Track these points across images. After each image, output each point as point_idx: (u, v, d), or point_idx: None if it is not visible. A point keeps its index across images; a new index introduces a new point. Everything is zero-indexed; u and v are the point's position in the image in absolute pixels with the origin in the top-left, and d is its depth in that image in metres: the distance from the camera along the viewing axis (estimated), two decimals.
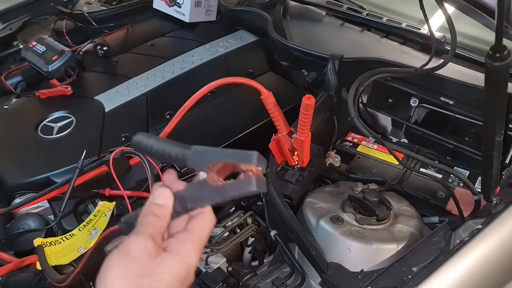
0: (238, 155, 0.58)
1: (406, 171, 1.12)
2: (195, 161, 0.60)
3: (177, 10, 1.74)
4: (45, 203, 1.16)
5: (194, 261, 0.61)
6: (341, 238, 0.90)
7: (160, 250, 0.59)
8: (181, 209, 0.62)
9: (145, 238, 0.58)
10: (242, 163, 0.58)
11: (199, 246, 0.62)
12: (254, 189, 0.56)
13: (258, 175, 0.57)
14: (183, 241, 0.61)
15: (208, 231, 0.64)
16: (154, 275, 0.56)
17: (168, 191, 0.63)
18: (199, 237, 0.62)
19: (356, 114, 1.08)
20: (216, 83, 0.95)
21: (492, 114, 0.77)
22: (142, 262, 0.57)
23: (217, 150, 0.60)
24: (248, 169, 0.57)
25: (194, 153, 0.61)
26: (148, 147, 0.64)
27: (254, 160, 0.57)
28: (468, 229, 0.87)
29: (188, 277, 0.60)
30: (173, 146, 0.63)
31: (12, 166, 1.26)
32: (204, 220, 0.63)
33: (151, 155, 0.65)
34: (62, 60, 1.49)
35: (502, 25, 0.68)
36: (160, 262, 0.58)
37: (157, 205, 0.62)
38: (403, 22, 1.43)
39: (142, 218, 0.62)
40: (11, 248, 1.08)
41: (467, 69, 1.26)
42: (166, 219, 0.62)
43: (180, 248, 0.60)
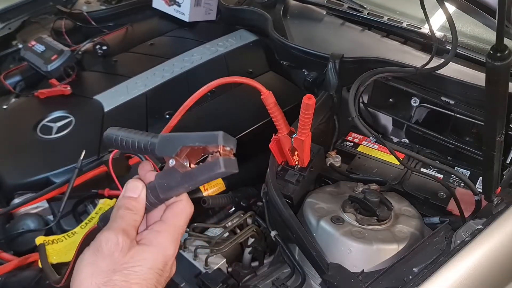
0: (204, 138, 0.56)
1: (407, 171, 1.11)
2: (163, 149, 0.59)
3: (176, 9, 1.74)
4: (44, 203, 1.16)
5: (170, 251, 0.60)
6: (342, 238, 0.89)
7: (133, 243, 0.58)
8: (154, 200, 0.61)
9: (116, 233, 0.57)
10: (209, 145, 0.56)
11: (175, 235, 0.61)
12: (222, 170, 0.54)
13: (226, 155, 0.55)
14: (158, 231, 0.60)
15: (184, 219, 0.62)
16: (127, 269, 0.56)
17: (140, 183, 0.62)
18: (174, 226, 0.61)
19: (356, 114, 1.07)
20: (216, 82, 0.95)
21: (493, 114, 0.76)
22: (114, 257, 0.56)
23: (183, 135, 0.58)
24: (215, 151, 0.55)
25: (161, 141, 0.59)
26: (119, 141, 0.63)
27: (219, 141, 0.55)
28: (469, 229, 0.86)
29: (166, 268, 0.59)
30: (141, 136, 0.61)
31: (11, 166, 1.26)
32: (179, 208, 0.62)
33: (123, 149, 0.64)
34: (61, 60, 1.49)
35: (503, 24, 0.68)
36: (134, 256, 0.57)
37: (129, 198, 0.61)
38: (404, 22, 1.42)
39: (114, 212, 0.61)
40: (11, 248, 1.08)
41: (468, 69, 1.26)
42: (139, 211, 0.61)
43: (155, 239, 0.59)
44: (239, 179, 1.22)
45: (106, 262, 0.56)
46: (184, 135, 0.58)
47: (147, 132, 0.62)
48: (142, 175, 0.65)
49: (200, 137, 0.56)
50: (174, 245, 0.61)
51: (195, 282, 0.94)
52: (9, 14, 1.86)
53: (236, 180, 1.22)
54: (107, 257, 0.56)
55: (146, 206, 0.62)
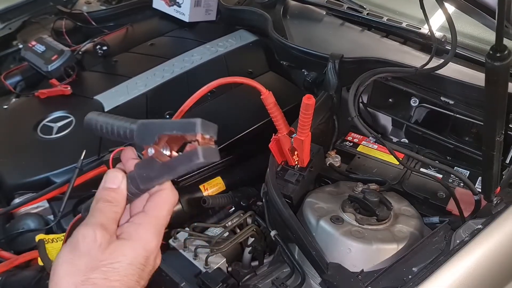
0: (182, 125, 0.52)
1: (406, 171, 1.11)
2: (142, 137, 0.56)
3: (176, 9, 1.74)
4: (45, 203, 1.16)
5: (152, 244, 0.57)
6: (341, 238, 0.89)
7: (113, 238, 0.55)
8: (136, 190, 0.58)
9: (94, 228, 0.55)
10: (187, 133, 0.52)
11: (158, 226, 0.58)
12: (201, 160, 0.51)
13: (206, 143, 0.52)
14: (139, 224, 0.57)
15: (168, 208, 0.59)
16: (106, 266, 0.53)
17: (120, 173, 0.59)
18: (156, 217, 0.58)
19: (356, 114, 1.07)
20: (216, 82, 0.95)
21: (493, 114, 0.77)
22: (92, 254, 0.53)
23: (162, 122, 0.55)
24: (194, 139, 0.52)
25: (139, 128, 0.56)
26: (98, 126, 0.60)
27: (198, 129, 0.51)
28: (469, 229, 0.86)
29: (148, 262, 0.57)
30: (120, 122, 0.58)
31: (11, 166, 1.26)
32: (162, 197, 0.59)
33: (103, 135, 0.60)
34: (61, 60, 1.49)
35: (503, 24, 0.68)
36: (113, 252, 0.54)
37: (109, 189, 0.58)
38: (404, 22, 1.43)
39: (93, 205, 0.58)
40: (11, 248, 1.08)
41: (468, 69, 1.26)
42: (120, 203, 0.58)
43: (135, 233, 0.57)
44: (239, 179, 1.22)
45: (84, 260, 0.53)
46: (162, 122, 0.55)
47: (126, 118, 0.59)
48: (124, 162, 0.62)
49: (178, 125, 0.53)
50: (156, 238, 0.58)
51: (195, 282, 0.94)
52: (10, 14, 1.86)
53: (236, 180, 1.22)
54: (85, 255, 0.53)
55: (127, 196, 0.59)
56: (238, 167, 1.25)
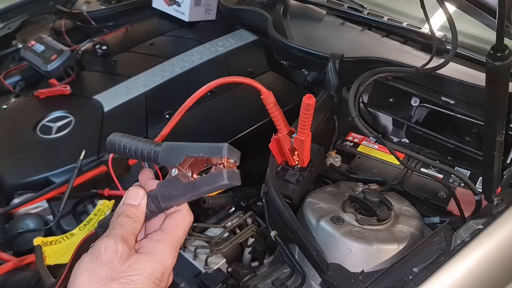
0: (208, 149, 0.56)
1: (407, 171, 1.11)
2: (166, 158, 0.58)
3: (176, 9, 1.74)
4: (44, 203, 1.16)
5: (169, 261, 0.59)
6: (342, 238, 0.89)
7: (132, 252, 0.58)
8: (155, 208, 0.60)
9: (116, 240, 0.57)
10: (213, 156, 0.56)
11: (174, 245, 0.61)
12: (226, 182, 0.54)
13: (230, 167, 0.55)
14: (157, 240, 0.60)
15: (184, 229, 0.62)
16: (125, 278, 0.55)
17: (141, 191, 0.61)
18: (173, 236, 0.61)
19: (356, 113, 1.07)
20: (216, 82, 0.95)
21: (493, 114, 0.76)
22: (113, 265, 0.55)
23: (188, 144, 0.58)
24: (219, 162, 0.55)
25: (165, 149, 0.59)
26: (122, 147, 0.63)
27: (224, 153, 0.55)
28: (469, 229, 0.86)
29: (163, 278, 0.59)
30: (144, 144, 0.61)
31: (11, 166, 1.26)
32: (179, 218, 0.61)
33: (126, 155, 0.63)
34: (61, 60, 1.49)
35: (503, 24, 0.68)
36: (132, 264, 0.56)
37: (130, 205, 0.61)
38: (404, 21, 1.42)
39: (114, 219, 0.60)
40: (10, 248, 1.08)
41: (468, 69, 1.26)
42: (139, 219, 0.61)
43: (154, 249, 0.59)
44: None
45: (105, 269, 0.55)
46: (188, 145, 0.58)
47: (150, 140, 0.62)
48: (143, 182, 0.65)
49: (204, 148, 0.56)
50: (172, 255, 0.60)
51: (195, 282, 0.94)
52: (9, 13, 1.86)
53: None
54: (106, 264, 0.55)
55: (146, 214, 0.61)
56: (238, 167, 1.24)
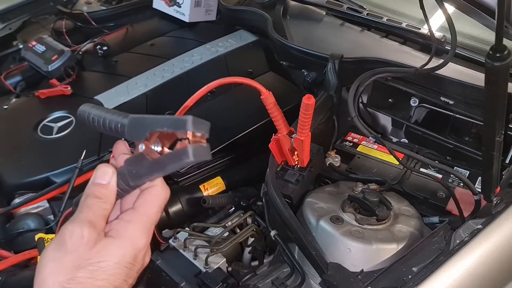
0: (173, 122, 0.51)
1: (406, 171, 1.12)
2: (133, 132, 0.54)
3: (177, 9, 1.74)
4: (45, 203, 1.16)
5: (141, 242, 0.56)
6: (341, 238, 0.89)
7: (101, 236, 0.54)
8: (126, 186, 0.56)
9: (82, 225, 0.53)
10: (178, 130, 0.51)
11: (148, 224, 0.57)
12: (191, 159, 0.49)
13: (197, 141, 0.50)
14: (128, 221, 0.56)
15: (158, 205, 0.58)
16: (92, 265, 0.52)
17: (110, 169, 0.57)
18: (146, 215, 0.57)
19: (356, 114, 1.07)
20: (216, 83, 0.95)
21: (492, 114, 0.77)
22: (79, 252, 0.52)
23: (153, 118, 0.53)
24: (185, 137, 0.50)
25: (130, 123, 0.55)
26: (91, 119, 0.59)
27: (189, 126, 0.49)
28: (468, 229, 0.86)
29: (137, 261, 0.55)
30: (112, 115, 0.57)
31: (11, 166, 1.26)
32: (152, 195, 0.57)
33: (95, 128, 0.59)
34: (61, 60, 1.49)
35: (502, 25, 0.68)
36: (100, 250, 0.53)
37: (99, 185, 0.57)
38: (403, 22, 1.43)
39: (82, 201, 0.57)
40: (11, 248, 1.08)
41: (467, 69, 1.26)
42: (109, 199, 0.57)
43: (124, 231, 0.55)
44: (239, 179, 1.22)
45: (70, 257, 0.52)
46: (154, 118, 0.53)
47: (119, 111, 0.58)
48: (116, 156, 0.61)
49: (169, 122, 0.51)
50: (145, 236, 0.56)
51: (195, 282, 0.94)
52: (10, 14, 1.86)
53: (236, 180, 1.22)
54: (71, 252, 0.52)
55: (118, 192, 0.57)
56: (238, 167, 1.25)
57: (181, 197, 1.12)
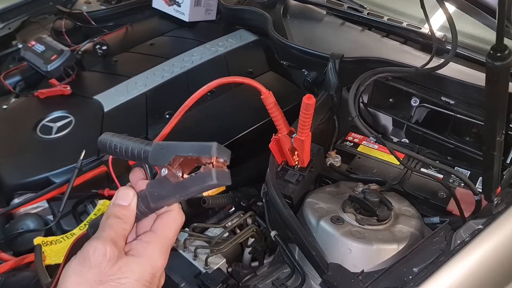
0: (197, 148, 0.55)
1: (407, 171, 1.11)
2: (156, 158, 0.58)
3: (176, 9, 1.74)
4: (44, 203, 1.15)
5: (159, 263, 0.59)
6: (342, 238, 0.89)
7: (122, 254, 0.57)
8: (145, 209, 0.60)
9: (104, 243, 0.56)
10: (202, 155, 0.55)
11: (165, 246, 0.60)
12: (215, 182, 0.54)
13: (219, 166, 0.54)
14: (147, 242, 0.59)
15: (175, 229, 0.61)
16: (114, 281, 0.55)
17: (131, 191, 0.60)
18: (164, 237, 0.60)
19: (356, 113, 1.07)
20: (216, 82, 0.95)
21: (493, 114, 0.76)
22: (101, 268, 0.55)
23: (177, 144, 0.57)
24: (208, 162, 0.54)
25: (154, 149, 0.58)
26: (113, 146, 0.62)
27: (213, 152, 0.54)
28: (469, 229, 0.86)
29: (154, 280, 0.58)
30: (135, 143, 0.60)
31: (11, 166, 1.26)
32: (170, 219, 0.61)
33: (117, 155, 0.63)
34: (61, 60, 1.49)
35: (503, 24, 0.68)
36: (121, 267, 0.56)
37: (120, 206, 0.60)
38: (404, 22, 1.42)
39: (103, 220, 0.60)
40: (10, 248, 1.08)
41: (468, 69, 1.26)
42: (129, 220, 0.60)
43: (143, 250, 0.58)
44: (239, 179, 1.22)
45: (93, 272, 0.55)
46: (178, 144, 0.57)
47: (141, 139, 0.61)
48: (134, 182, 0.64)
49: (193, 148, 0.55)
50: (163, 257, 0.60)
51: (195, 282, 0.94)
52: (9, 14, 1.86)
53: (236, 180, 1.22)
54: (94, 268, 0.55)
55: (136, 215, 0.60)
56: (238, 167, 1.25)
57: None
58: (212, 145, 0.54)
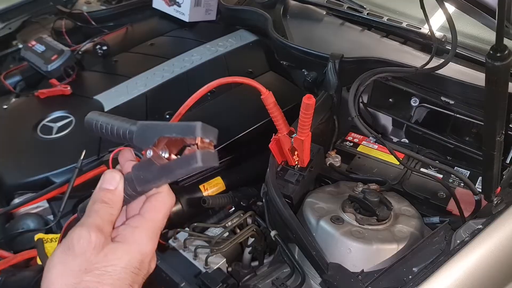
0: (181, 129, 0.52)
1: (406, 171, 1.11)
2: (141, 138, 0.55)
3: (176, 9, 1.74)
4: (45, 203, 1.16)
5: (148, 248, 0.56)
6: (342, 238, 0.89)
7: (108, 240, 0.55)
8: (132, 192, 0.57)
9: (89, 229, 0.54)
10: (186, 136, 0.52)
11: (154, 230, 0.58)
12: (200, 165, 0.50)
13: (205, 147, 0.51)
14: (135, 227, 0.57)
15: (164, 212, 0.59)
16: (99, 269, 0.53)
17: (118, 174, 0.58)
18: (152, 221, 0.58)
19: (356, 113, 1.07)
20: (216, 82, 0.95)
21: (493, 114, 0.76)
22: (86, 256, 0.53)
23: (162, 124, 0.54)
24: (193, 143, 0.51)
25: (139, 129, 0.56)
26: (98, 126, 0.60)
27: (197, 132, 0.51)
28: (469, 229, 0.86)
29: (143, 266, 0.56)
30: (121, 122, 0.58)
31: (11, 166, 1.26)
32: (159, 201, 0.58)
33: (103, 135, 0.60)
34: (61, 60, 1.49)
35: (503, 24, 0.68)
36: (107, 254, 0.54)
37: (106, 190, 0.58)
38: (404, 22, 1.42)
39: (89, 206, 0.57)
40: (11, 248, 1.08)
41: (468, 69, 1.26)
42: (116, 205, 0.57)
43: (131, 236, 0.56)
44: (239, 179, 1.22)
45: (78, 261, 0.53)
46: (163, 125, 0.54)
47: (127, 119, 0.59)
48: (122, 163, 0.61)
49: (178, 128, 0.53)
50: (152, 241, 0.57)
51: (195, 282, 0.94)
52: (9, 14, 1.86)
53: (236, 180, 1.22)
54: (79, 256, 0.53)
55: (124, 198, 0.58)
56: (238, 167, 1.25)
57: (181, 197, 1.12)
58: (196, 125, 0.51)
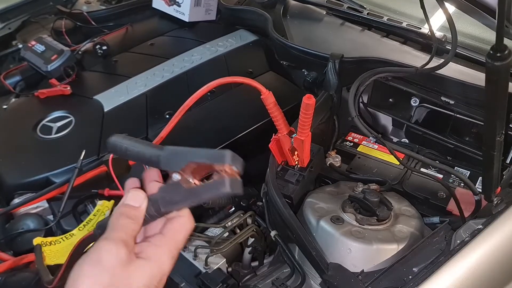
0: (211, 155, 0.55)
1: (406, 171, 1.11)
2: (169, 163, 0.58)
3: (176, 9, 1.74)
4: (44, 203, 1.15)
5: (167, 267, 0.59)
6: (342, 238, 0.89)
7: (132, 256, 0.57)
8: (154, 212, 0.60)
9: (117, 244, 0.56)
10: (216, 163, 0.55)
11: (174, 250, 0.60)
12: (228, 191, 0.54)
13: (232, 175, 0.54)
14: (157, 245, 0.59)
15: (184, 235, 0.61)
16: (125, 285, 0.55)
17: (142, 193, 0.61)
18: (174, 241, 0.60)
19: (356, 113, 1.07)
20: (216, 82, 0.95)
21: (493, 114, 0.76)
22: (114, 270, 0.55)
23: (190, 150, 0.57)
24: (222, 170, 0.54)
25: (167, 154, 0.58)
26: (123, 149, 0.62)
27: (227, 160, 0.54)
28: (469, 229, 0.86)
29: (161, 284, 0.58)
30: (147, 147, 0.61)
31: (11, 166, 1.26)
32: (180, 224, 0.61)
33: (127, 157, 0.63)
34: (61, 60, 1.49)
35: (503, 24, 0.68)
36: (133, 271, 0.56)
37: (131, 207, 0.60)
38: (404, 22, 1.42)
39: (114, 220, 0.59)
40: (10, 248, 1.08)
41: (468, 69, 1.26)
42: (139, 221, 0.60)
43: (153, 254, 0.58)
44: None
45: (106, 276, 0.54)
46: (192, 150, 0.57)
47: (152, 143, 0.62)
48: (147, 183, 0.64)
49: (208, 154, 0.56)
50: (171, 261, 0.60)
51: (195, 282, 0.94)
52: (9, 14, 1.85)
53: None
54: (108, 270, 0.54)
55: (145, 217, 0.61)
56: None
57: None
58: (227, 153, 0.54)
